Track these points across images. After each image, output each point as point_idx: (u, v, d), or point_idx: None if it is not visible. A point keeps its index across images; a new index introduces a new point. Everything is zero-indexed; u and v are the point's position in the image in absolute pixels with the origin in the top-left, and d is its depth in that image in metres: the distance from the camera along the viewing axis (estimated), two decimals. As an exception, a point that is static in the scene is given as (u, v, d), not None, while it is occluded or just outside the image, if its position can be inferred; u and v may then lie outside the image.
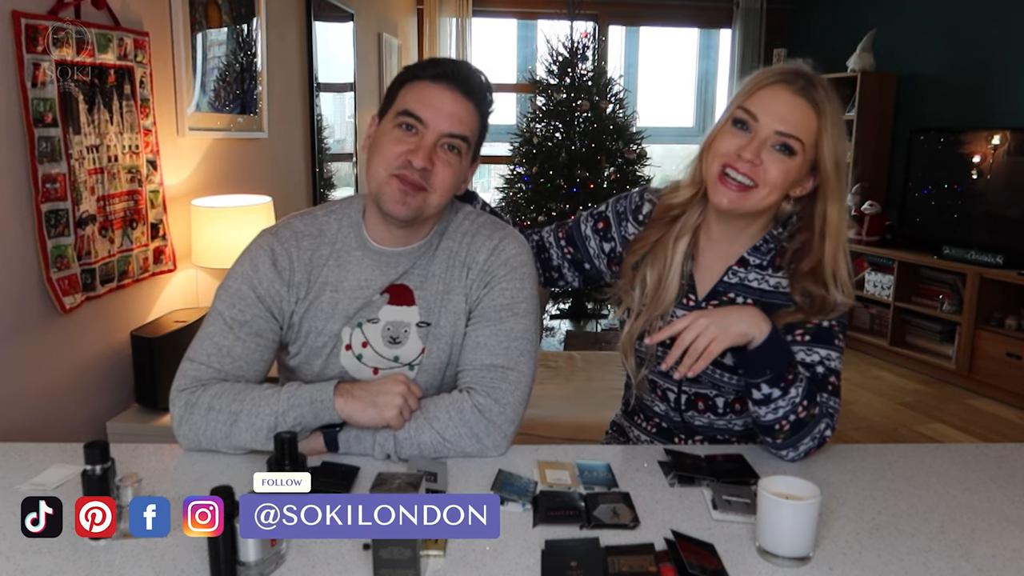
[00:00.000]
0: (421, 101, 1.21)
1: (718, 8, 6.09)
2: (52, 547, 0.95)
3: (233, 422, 1.17)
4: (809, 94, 1.19)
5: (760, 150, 1.19)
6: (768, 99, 1.20)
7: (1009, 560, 0.96)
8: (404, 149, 1.21)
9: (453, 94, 1.22)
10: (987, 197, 4.28)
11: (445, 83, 1.22)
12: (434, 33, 5.72)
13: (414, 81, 1.24)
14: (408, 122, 1.21)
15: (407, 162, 1.20)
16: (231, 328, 1.24)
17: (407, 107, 1.21)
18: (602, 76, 5.30)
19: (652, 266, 1.33)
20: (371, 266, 1.29)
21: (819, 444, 1.23)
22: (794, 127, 1.19)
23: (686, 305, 1.33)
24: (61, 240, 1.82)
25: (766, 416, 1.20)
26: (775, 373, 1.18)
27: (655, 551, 0.95)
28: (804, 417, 1.20)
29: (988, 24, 4.48)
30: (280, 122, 3.22)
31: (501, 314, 1.27)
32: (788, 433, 1.20)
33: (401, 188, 1.20)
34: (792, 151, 1.20)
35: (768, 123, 1.19)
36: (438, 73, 1.22)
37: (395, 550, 0.87)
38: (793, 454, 1.23)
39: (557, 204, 5.16)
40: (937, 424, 3.78)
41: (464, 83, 1.23)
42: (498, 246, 1.30)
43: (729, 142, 1.22)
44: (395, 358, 1.29)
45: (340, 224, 1.31)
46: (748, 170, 1.20)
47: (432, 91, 1.22)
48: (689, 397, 1.36)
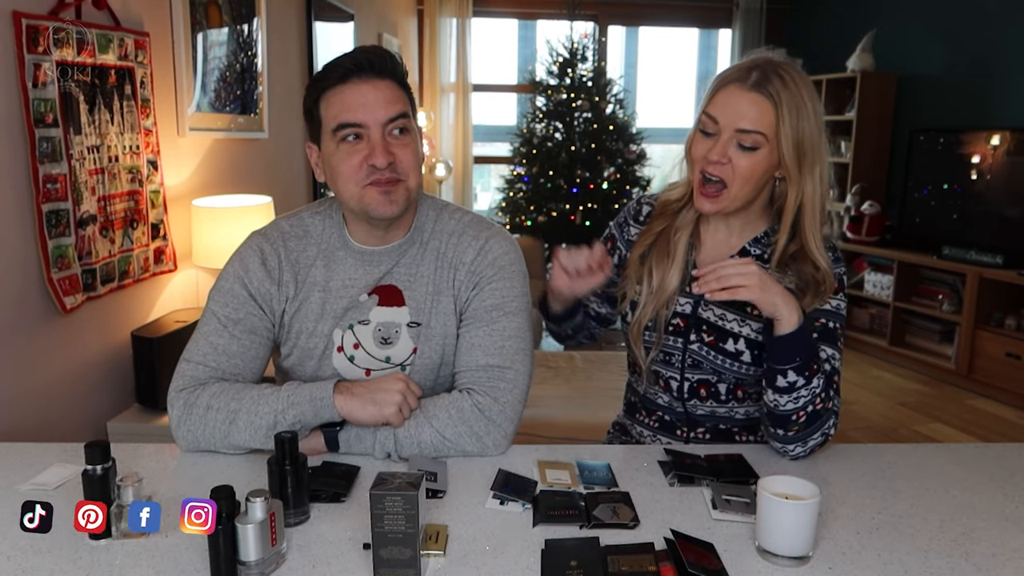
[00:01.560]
0: (347, 107, 1.19)
1: (718, 8, 6.09)
2: (52, 547, 0.95)
3: (232, 421, 1.18)
4: (763, 87, 1.22)
5: (726, 150, 1.25)
6: (724, 100, 1.25)
7: (1009, 560, 0.96)
8: (360, 158, 1.20)
9: (368, 83, 1.20)
10: (987, 197, 4.27)
11: (355, 78, 1.20)
12: (434, 33, 5.72)
13: (325, 93, 1.21)
14: (347, 133, 1.20)
15: (371, 167, 1.20)
16: (225, 327, 1.25)
17: (338, 121, 1.20)
18: (602, 76, 5.31)
19: (657, 256, 1.37)
20: (355, 265, 1.29)
21: (823, 441, 1.24)
22: (752, 122, 1.23)
23: (689, 293, 1.35)
24: (62, 240, 1.83)
25: (786, 405, 1.21)
26: (803, 361, 1.20)
27: (655, 551, 0.95)
28: (820, 409, 1.22)
29: (988, 24, 4.48)
30: (280, 122, 3.22)
31: (493, 314, 1.27)
32: (803, 425, 1.21)
33: (381, 191, 1.21)
34: (755, 145, 1.24)
35: (727, 123, 1.24)
36: (343, 74, 1.20)
37: (395, 550, 0.87)
38: (800, 450, 1.23)
39: (557, 204, 5.16)
40: (937, 424, 3.78)
41: (371, 67, 1.20)
42: (484, 246, 1.30)
43: (700, 148, 1.28)
44: (387, 359, 1.29)
45: (324, 225, 1.32)
46: (718, 170, 1.26)
47: (349, 92, 1.20)
48: (692, 384, 1.37)
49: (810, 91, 1.25)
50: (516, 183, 5.37)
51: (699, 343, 1.35)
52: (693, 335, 1.35)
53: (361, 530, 0.99)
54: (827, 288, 1.28)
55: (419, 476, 0.89)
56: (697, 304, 1.35)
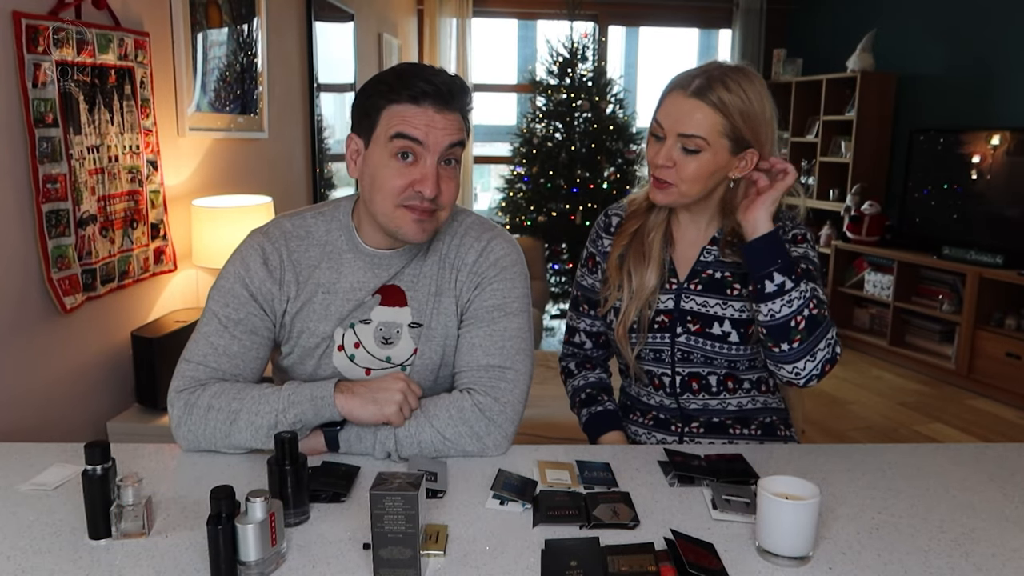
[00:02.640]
0: (412, 124, 1.16)
1: (718, 8, 6.09)
2: (52, 547, 0.95)
3: (233, 421, 1.18)
4: (703, 94, 1.27)
5: (671, 154, 1.30)
6: (668, 107, 1.31)
7: (1009, 560, 0.96)
8: (408, 181, 1.18)
9: (439, 111, 1.17)
10: (987, 197, 4.27)
11: (428, 104, 1.16)
12: (434, 33, 5.72)
13: (392, 104, 1.18)
14: (404, 148, 1.17)
15: (416, 193, 1.18)
16: (226, 327, 1.25)
17: (400, 130, 1.16)
18: (602, 76, 5.30)
19: (634, 258, 1.41)
20: (363, 268, 1.29)
21: (832, 358, 1.27)
22: (693, 128, 1.28)
23: (670, 289, 1.40)
24: (62, 240, 1.83)
25: (781, 311, 1.24)
26: (784, 262, 1.25)
27: (655, 551, 0.95)
28: (817, 316, 1.25)
29: (988, 24, 4.48)
30: (280, 122, 3.22)
31: (494, 314, 1.27)
32: (805, 333, 1.24)
33: (416, 218, 1.20)
34: (697, 148, 1.28)
35: (671, 128, 1.30)
36: (418, 94, 1.16)
37: (395, 550, 0.87)
38: (811, 366, 1.26)
39: (557, 204, 5.16)
40: (937, 424, 3.78)
41: (445, 96, 1.18)
42: (487, 247, 1.30)
43: (651, 152, 1.35)
44: (387, 359, 1.29)
45: (329, 227, 1.31)
46: (665, 173, 1.32)
47: (419, 114, 1.16)
48: (683, 379, 1.41)
49: (757, 92, 1.29)
50: (516, 183, 5.36)
51: (686, 334, 1.38)
52: (679, 328, 1.39)
53: (361, 530, 0.99)
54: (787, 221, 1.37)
55: (419, 476, 0.89)
56: (679, 297, 1.39)
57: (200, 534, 0.93)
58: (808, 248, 1.38)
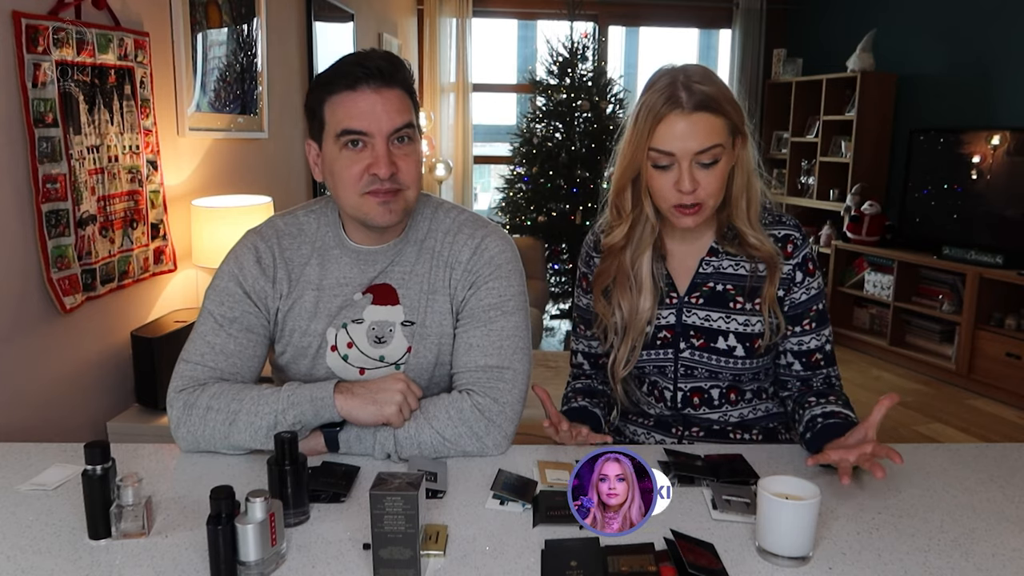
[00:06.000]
0: (352, 115, 1.17)
1: (718, 8, 6.08)
2: (52, 547, 0.95)
3: (232, 421, 1.18)
4: (700, 104, 1.23)
5: (692, 175, 1.24)
6: (670, 132, 1.24)
7: (1009, 560, 0.96)
8: (362, 167, 1.19)
9: (377, 92, 1.18)
10: (987, 197, 4.27)
11: (364, 85, 1.17)
12: (434, 33, 5.72)
13: (331, 96, 1.19)
14: (351, 139, 1.19)
15: (372, 176, 1.19)
16: (222, 326, 1.25)
17: (343, 126, 1.18)
18: (602, 76, 5.30)
19: (621, 288, 1.36)
20: (350, 264, 1.29)
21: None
22: (706, 139, 1.23)
23: (671, 303, 1.36)
24: (61, 240, 1.83)
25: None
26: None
27: (655, 551, 0.95)
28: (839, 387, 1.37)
29: (988, 24, 4.48)
30: (280, 122, 3.22)
31: (490, 314, 1.27)
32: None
33: (380, 201, 1.20)
34: (715, 158, 1.25)
35: (684, 152, 1.23)
36: (352, 81, 1.17)
37: (395, 550, 0.87)
38: None
39: (557, 204, 5.16)
40: (937, 424, 3.78)
41: (381, 74, 1.18)
42: (480, 244, 1.30)
43: (663, 183, 1.27)
44: (381, 358, 1.29)
45: (319, 223, 1.32)
46: (692, 198, 1.25)
47: (358, 99, 1.17)
48: (685, 394, 1.38)
49: (716, 76, 1.28)
50: (516, 183, 5.36)
51: (690, 349, 1.35)
52: (683, 343, 1.35)
53: (361, 530, 0.99)
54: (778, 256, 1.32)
55: (419, 476, 0.89)
56: (680, 312, 1.36)
57: (200, 534, 0.93)
58: (818, 273, 1.34)
